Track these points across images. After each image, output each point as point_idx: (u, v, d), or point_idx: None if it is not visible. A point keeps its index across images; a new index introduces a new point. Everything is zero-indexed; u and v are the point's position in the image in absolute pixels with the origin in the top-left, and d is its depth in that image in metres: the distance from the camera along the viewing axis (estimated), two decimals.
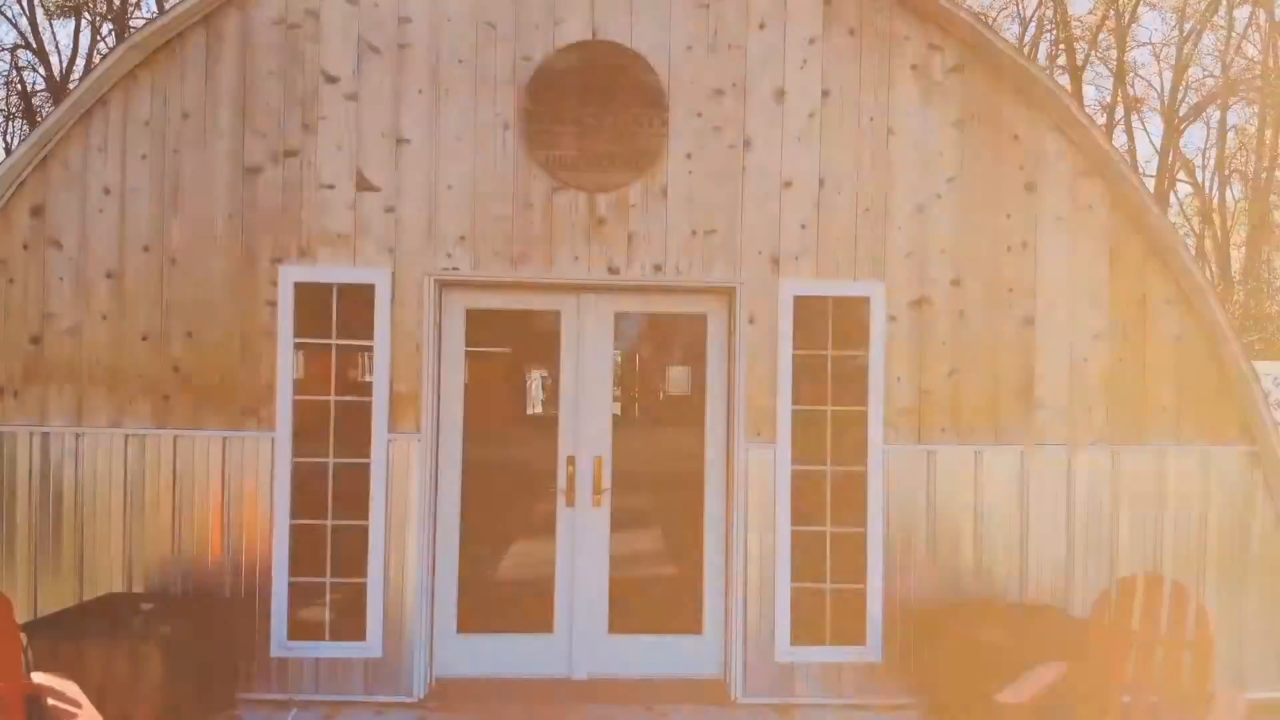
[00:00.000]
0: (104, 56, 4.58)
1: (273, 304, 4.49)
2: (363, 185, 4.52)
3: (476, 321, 4.80)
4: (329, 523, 4.52)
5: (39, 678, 3.32)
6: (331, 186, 4.52)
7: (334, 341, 4.54)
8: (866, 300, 4.62)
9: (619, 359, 5.12)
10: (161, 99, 4.53)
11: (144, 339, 4.51)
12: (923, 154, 4.65)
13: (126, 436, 4.50)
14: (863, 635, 4.60)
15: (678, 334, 5.21)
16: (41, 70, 27.28)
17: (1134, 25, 36.45)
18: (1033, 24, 36.22)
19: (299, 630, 4.51)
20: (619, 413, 5.04)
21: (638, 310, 4.94)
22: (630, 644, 4.76)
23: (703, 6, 4.59)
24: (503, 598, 4.93)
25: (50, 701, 3.12)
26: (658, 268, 4.61)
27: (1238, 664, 4.77)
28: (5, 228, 4.51)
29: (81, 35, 27.23)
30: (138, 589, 4.50)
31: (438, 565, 4.70)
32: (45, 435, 4.51)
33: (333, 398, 4.54)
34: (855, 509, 4.62)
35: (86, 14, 27.20)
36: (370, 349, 4.54)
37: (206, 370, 4.50)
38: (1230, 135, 40.06)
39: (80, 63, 27.08)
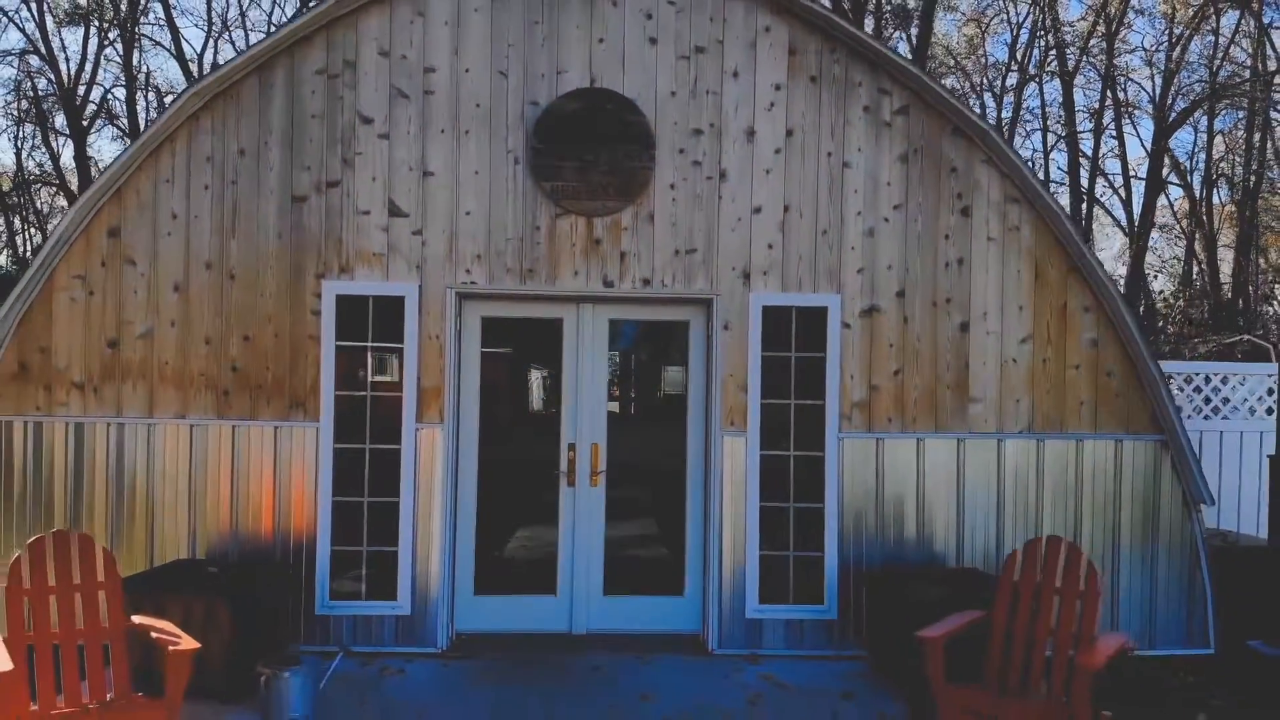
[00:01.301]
0: (171, 101, 5.31)
1: (317, 313, 5.26)
2: (394, 212, 5.29)
3: (491, 327, 5.57)
4: (365, 500, 5.30)
5: (137, 619, 4.09)
6: (367, 213, 5.29)
7: (369, 344, 5.31)
8: (824, 310, 5.39)
9: (616, 359, 5.89)
10: (220, 138, 5.29)
11: (206, 342, 5.28)
12: (873, 184, 5.42)
13: (191, 426, 5.27)
14: (821, 596, 5.37)
15: (663, 338, 5.98)
16: (51, 75, 28.10)
17: (1125, 30, 37.05)
18: (1025, 30, 36.77)
19: (339, 592, 5.28)
20: (613, 407, 5.80)
21: (629, 318, 5.71)
22: (622, 604, 5.54)
23: (684, 58, 5.36)
24: (513, 564, 5.71)
25: (154, 634, 3.89)
26: (646, 281, 5.38)
27: (1148, 624, 5.54)
28: (86, 248, 5.28)
29: (90, 42, 28.05)
30: (200, 556, 5.26)
31: (458, 536, 5.47)
32: (120, 425, 5.27)
33: (368, 393, 5.31)
34: (814, 488, 5.39)
35: (95, 20, 28.04)
36: (400, 351, 5.30)
37: (260, 369, 5.27)
38: (1218, 140, 40.61)
39: (89, 68, 27.88)
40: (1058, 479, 5.51)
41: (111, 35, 28.45)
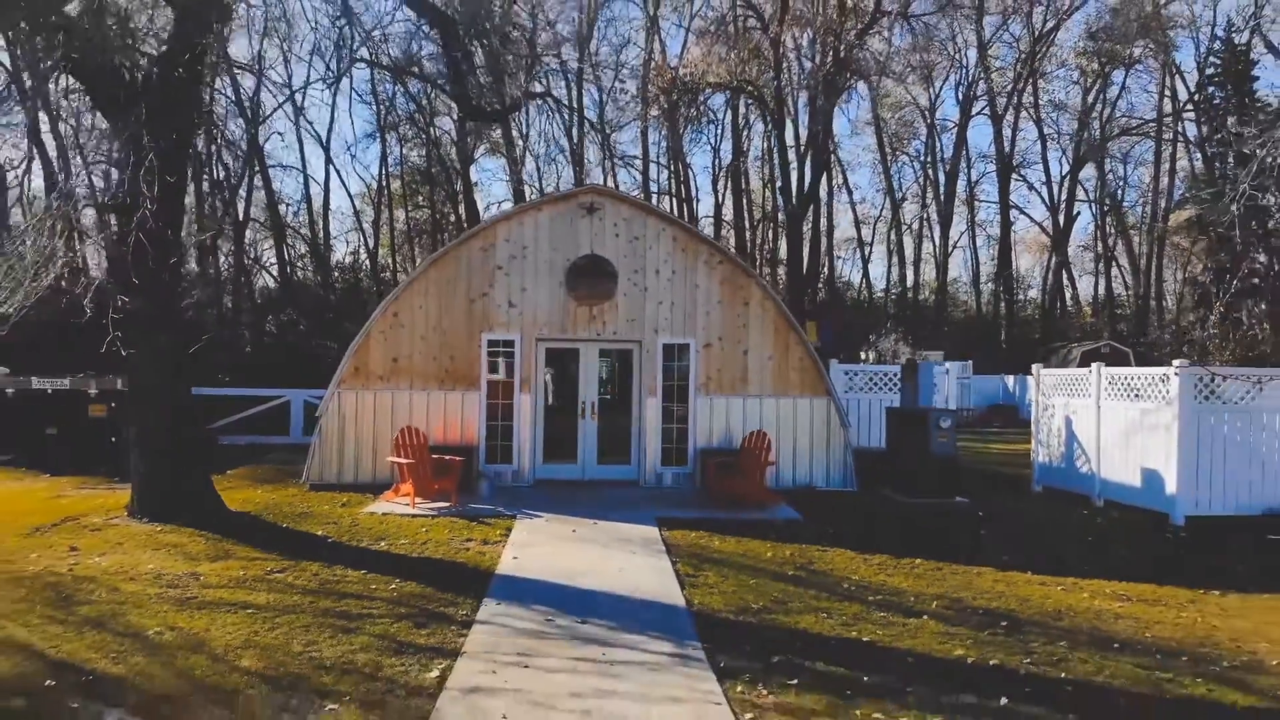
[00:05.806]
0: (418, 265, 12.89)
1: (480, 346, 12.88)
2: (510, 305, 12.93)
3: (549, 353, 13.23)
4: (499, 424, 12.93)
5: (435, 456, 11.71)
6: (500, 305, 12.92)
7: (501, 356, 12.94)
8: (689, 345, 13.05)
9: (605, 365, 13.55)
10: (440, 274, 12.91)
11: (434, 359, 12.88)
12: (708, 294, 13.10)
13: (428, 393, 12.87)
14: (687, 462, 13.04)
15: (621, 358, 13.64)
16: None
17: (1045, 79, 45.08)
18: (962, 85, 44.75)
19: (489, 460, 12.89)
20: (601, 388, 13.47)
21: (607, 349, 13.37)
22: (605, 468, 13.22)
23: (629, 242, 13.04)
24: (559, 450, 13.37)
25: (447, 458, 11.51)
26: (615, 333, 13.02)
27: (826, 477, 13.19)
28: (385, 320, 12.87)
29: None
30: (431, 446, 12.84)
31: (536, 440, 13.11)
32: (398, 393, 12.85)
33: (500, 378, 12.94)
34: (685, 419, 13.06)
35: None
36: (513, 362, 12.92)
37: (458, 370, 12.88)
38: (1120, 174, 48.64)
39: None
40: (784, 416, 13.18)
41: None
